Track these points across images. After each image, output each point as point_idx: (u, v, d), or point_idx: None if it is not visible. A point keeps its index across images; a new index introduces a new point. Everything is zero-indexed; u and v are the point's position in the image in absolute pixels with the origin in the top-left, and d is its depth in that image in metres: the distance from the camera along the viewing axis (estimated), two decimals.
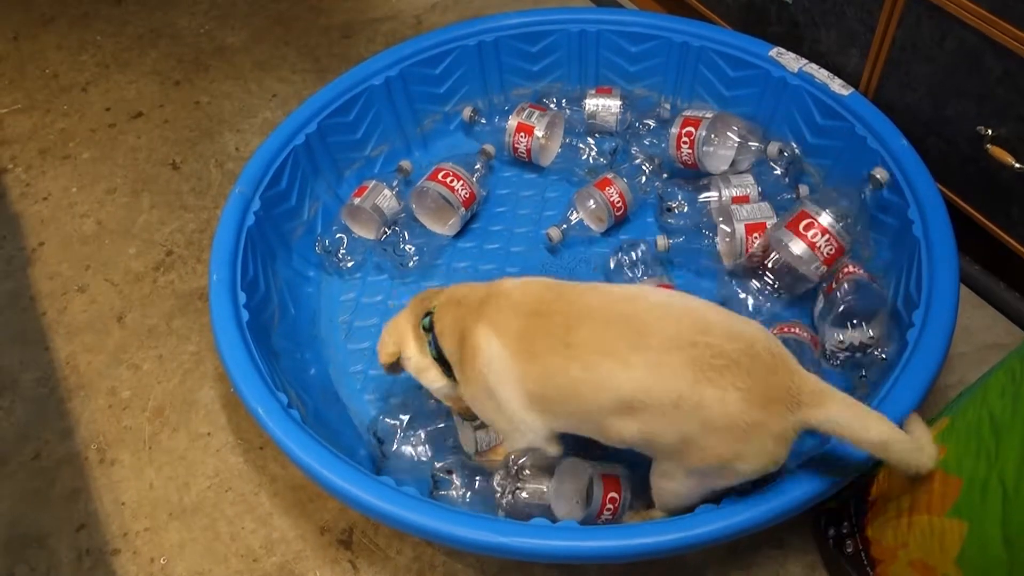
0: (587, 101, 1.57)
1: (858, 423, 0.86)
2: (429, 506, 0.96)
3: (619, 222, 1.45)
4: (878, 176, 1.26)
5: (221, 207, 1.31)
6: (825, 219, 1.22)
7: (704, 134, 1.40)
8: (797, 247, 1.22)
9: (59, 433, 1.29)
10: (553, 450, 1.04)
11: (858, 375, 1.19)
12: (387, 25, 1.99)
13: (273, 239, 1.36)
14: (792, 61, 1.44)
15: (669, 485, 0.97)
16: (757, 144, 1.43)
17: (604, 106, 1.56)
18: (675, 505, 1.00)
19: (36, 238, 1.58)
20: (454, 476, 1.10)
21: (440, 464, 1.12)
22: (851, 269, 1.21)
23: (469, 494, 1.08)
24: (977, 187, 1.27)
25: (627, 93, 1.60)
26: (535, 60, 1.63)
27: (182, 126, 1.79)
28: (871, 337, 1.17)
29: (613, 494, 1.04)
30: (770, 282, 1.25)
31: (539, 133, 1.51)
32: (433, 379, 1.08)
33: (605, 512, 1.04)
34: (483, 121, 1.60)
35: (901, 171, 1.26)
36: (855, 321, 1.18)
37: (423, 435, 1.17)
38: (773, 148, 1.42)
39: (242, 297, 1.20)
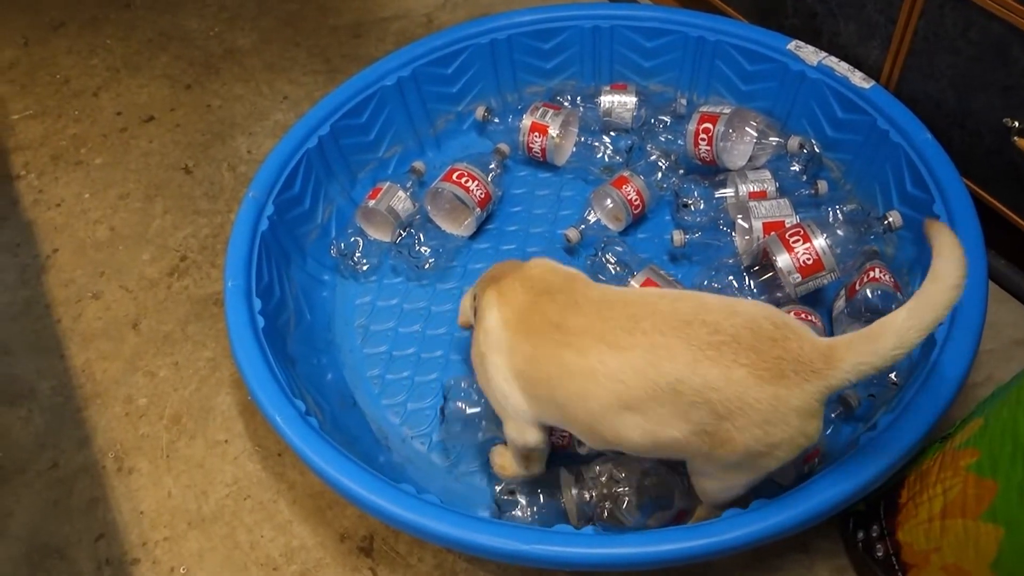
0: (602, 98, 1.55)
1: (875, 346, 0.79)
2: (449, 513, 0.95)
3: (637, 220, 1.43)
4: (891, 219, 1.25)
5: (234, 211, 1.31)
6: (819, 242, 1.20)
7: (722, 130, 1.38)
8: (783, 259, 1.20)
9: (76, 442, 1.29)
10: (534, 438, 1.01)
11: (866, 394, 1.15)
12: (397, 24, 1.98)
13: (287, 243, 1.35)
14: (811, 54, 1.42)
15: (711, 484, 0.94)
16: (776, 139, 1.41)
17: (620, 103, 1.54)
18: (723, 500, 0.97)
19: (50, 245, 1.58)
20: (518, 495, 1.08)
21: (500, 487, 1.10)
22: (876, 275, 1.18)
23: (535, 510, 1.07)
24: (1003, 180, 1.25)
25: (642, 89, 1.57)
26: (548, 57, 1.61)
27: (194, 130, 1.78)
28: None
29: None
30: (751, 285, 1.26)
31: (553, 132, 1.49)
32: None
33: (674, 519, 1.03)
34: (496, 120, 1.58)
35: (925, 165, 1.24)
36: None
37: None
38: (793, 142, 1.40)
39: (257, 303, 1.18)
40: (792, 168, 1.40)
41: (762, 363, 0.81)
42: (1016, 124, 1.17)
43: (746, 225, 1.30)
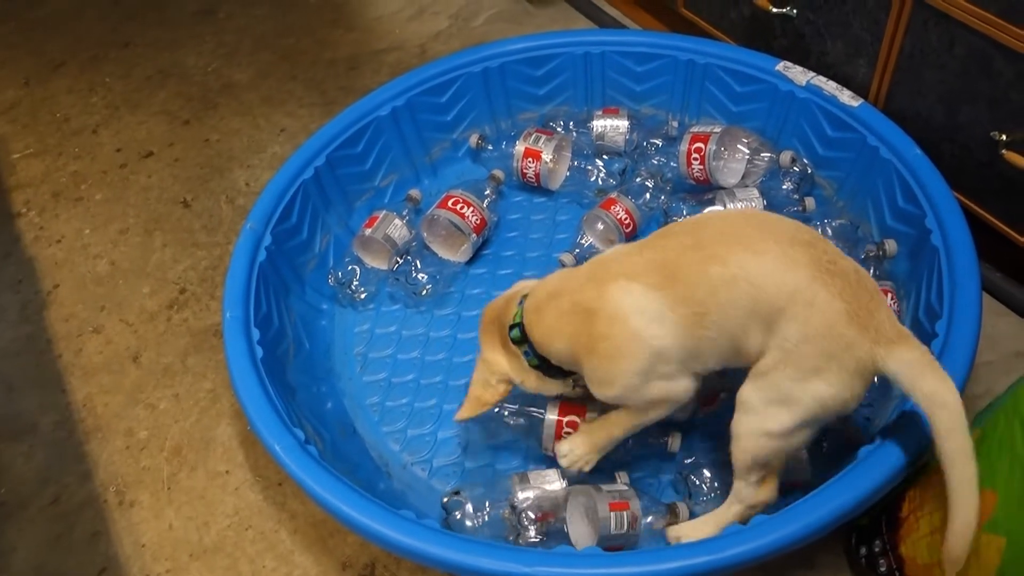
0: (595, 122, 1.57)
1: (917, 371, 0.86)
2: (451, 538, 0.95)
3: (629, 239, 1.44)
4: (886, 248, 1.27)
5: (233, 243, 1.32)
6: None
7: (714, 148, 1.39)
8: None
9: (78, 476, 1.29)
10: (687, 387, 1.00)
11: (862, 416, 1.16)
12: (392, 56, 2.01)
13: (286, 273, 1.36)
14: (799, 74, 1.43)
15: (749, 422, 0.95)
16: (768, 155, 1.42)
17: (612, 126, 1.56)
18: (751, 454, 0.97)
19: (51, 281, 1.59)
20: (464, 497, 1.09)
21: (447, 491, 1.12)
22: None
23: (484, 518, 1.07)
24: (995, 193, 1.26)
25: (634, 113, 1.59)
26: (541, 84, 1.63)
27: (192, 164, 1.80)
28: None
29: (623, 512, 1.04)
30: None
31: (547, 157, 1.50)
32: (537, 386, 1.07)
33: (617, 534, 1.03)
34: (490, 147, 1.60)
35: (916, 180, 1.25)
36: None
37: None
38: (785, 157, 1.41)
39: (256, 333, 1.19)
40: (784, 187, 1.41)
41: (858, 306, 0.88)
42: (1004, 137, 1.18)
43: None
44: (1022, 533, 0.78)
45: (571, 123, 1.61)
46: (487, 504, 1.08)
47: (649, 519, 1.05)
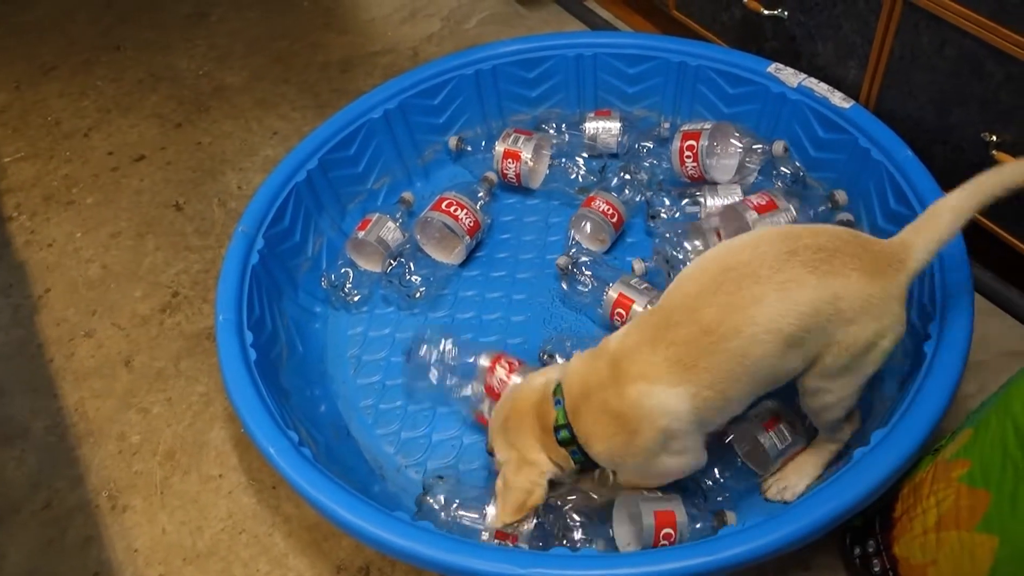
0: (587, 124, 1.57)
1: (938, 223, 0.94)
2: (445, 540, 0.94)
3: (618, 231, 1.44)
4: (837, 197, 1.30)
5: (225, 246, 1.31)
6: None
7: (706, 144, 1.40)
8: None
9: (70, 481, 1.28)
10: (705, 457, 1.04)
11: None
12: (385, 58, 2.01)
13: (278, 276, 1.36)
14: (791, 76, 1.44)
15: (824, 399, 1.00)
16: (761, 146, 1.42)
17: (604, 128, 1.56)
18: (835, 416, 1.04)
19: (42, 285, 1.58)
20: (445, 483, 1.10)
21: (432, 475, 1.13)
22: None
23: (456, 508, 1.08)
24: None
25: (626, 114, 1.59)
26: (533, 86, 1.63)
27: (184, 167, 1.79)
28: None
29: (668, 530, 1.03)
30: None
31: (526, 157, 1.50)
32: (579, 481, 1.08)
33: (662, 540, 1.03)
34: (469, 148, 1.60)
35: (907, 181, 1.25)
36: None
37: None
38: (778, 147, 1.41)
39: (249, 336, 1.19)
40: (776, 187, 1.41)
41: (864, 264, 0.92)
42: (994, 138, 1.19)
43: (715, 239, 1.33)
44: (1015, 532, 0.79)
45: (563, 125, 1.61)
46: (463, 496, 1.09)
47: (698, 525, 1.05)
